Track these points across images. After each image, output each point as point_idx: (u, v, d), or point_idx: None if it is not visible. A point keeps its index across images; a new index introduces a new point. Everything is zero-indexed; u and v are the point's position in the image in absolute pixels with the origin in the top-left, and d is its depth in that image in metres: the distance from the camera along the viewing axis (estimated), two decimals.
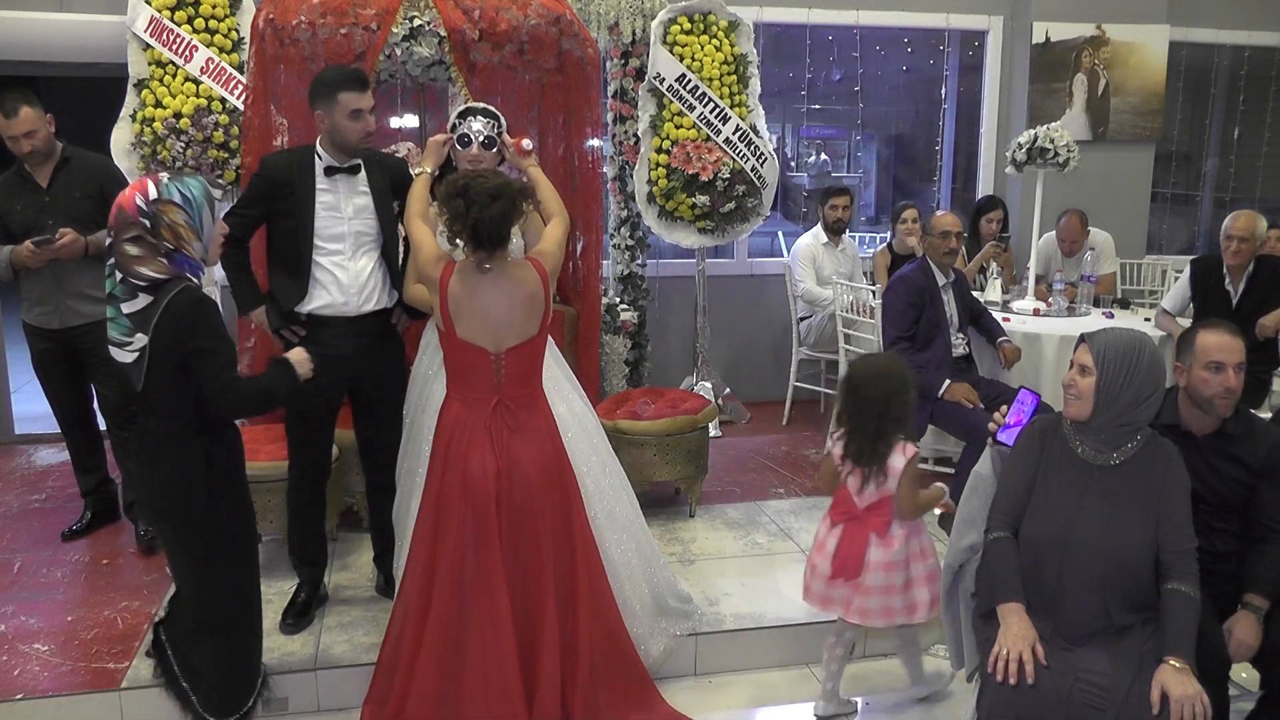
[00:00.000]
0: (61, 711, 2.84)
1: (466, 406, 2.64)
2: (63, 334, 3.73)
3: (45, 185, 3.65)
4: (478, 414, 2.61)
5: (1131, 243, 6.26)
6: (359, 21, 3.74)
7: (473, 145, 3.06)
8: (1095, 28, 6.11)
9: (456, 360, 2.64)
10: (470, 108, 3.14)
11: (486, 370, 2.60)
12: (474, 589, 2.61)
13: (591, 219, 4.24)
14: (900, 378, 2.78)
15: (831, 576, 2.83)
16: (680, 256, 5.83)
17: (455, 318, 2.57)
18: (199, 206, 2.42)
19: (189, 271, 2.41)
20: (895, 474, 2.78)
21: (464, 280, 2.56)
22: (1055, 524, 2.36)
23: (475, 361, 2.60)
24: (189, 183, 2.43)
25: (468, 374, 2.63)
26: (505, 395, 2.63)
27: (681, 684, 3.13)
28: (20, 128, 3.56)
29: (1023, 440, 2.51)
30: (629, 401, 4.23)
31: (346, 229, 3.06)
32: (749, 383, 5.95)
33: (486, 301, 2.56)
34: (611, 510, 3.03)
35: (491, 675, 2.58)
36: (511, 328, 2.59)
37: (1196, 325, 2.61)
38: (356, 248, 3.08)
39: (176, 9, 4.31)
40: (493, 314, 2.57)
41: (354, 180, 3.09)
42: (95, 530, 4.00)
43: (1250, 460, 2.52)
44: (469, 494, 2.60)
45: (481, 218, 2.47)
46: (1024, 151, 4.79)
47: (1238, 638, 2.45)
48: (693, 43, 4.94)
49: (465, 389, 2.65)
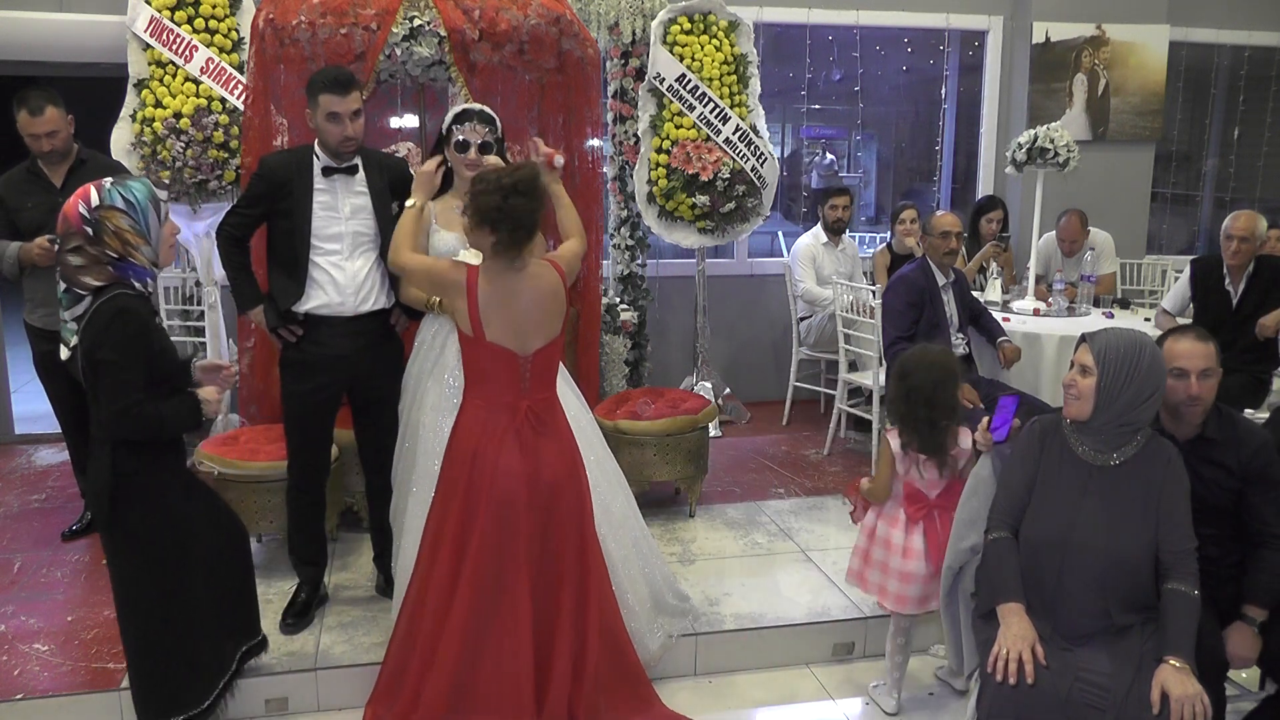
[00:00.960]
0: (61, 711, 2.84)
1: (492, 411, 2.60)
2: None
3: (59, 185, 3.66)
4: (505, 418, 2.59)
5: (1131, 243, 6.26)
6: (359, 21, 3.74)
7: (470, 150, 3.05)
8: (1095, 28, 6.11)
9: (483, 365, 2.60)
10: (466, 110, 3.12)
11: (514, 373, 2.57)
12: (498, 593, 2.59)
13: (591, 219, 4.23)
14: (948, 369, 2.81)
15: (933, 576, 2.81)
16: (680, 256, 5.83)
17: (485, 321, 2.53)
18: (144, 210, 2.38)
19: (135, 278, 2.38)
20: (965, 455, 2.81)
21: (493, 281, 2.53)
22: (1055, 524, 2.36)
23: (503, 365, 2.57)
24: (132, 186, 2.39)
25: (494, 378, 2.59)
26: (532, 399, 2.61)
27: (681, 684, 3.13)
28: (44, 126, 3.57)
29: (1022, 441, 2.51)
30: (629, 401, 4.23)
31: (344, 229, 3.06)
32: (749, 383, 5.95)
33: (519, 302, 2.54)
34: (608, 506, 3.03)
35: (506, 679, 2.58)
36: (540, 328, 2.58)
37: (1168, 332, 2.60)
38: (354, 248, 3.08)
39: (176, 9, 4.30)
40: (523, 314, 2.55)
41: (352, 181, 3.09)
42: (95, 530, 3.99)
43: (1233, 464, 2.48)
44: (499, 499, 2.57)
45: (514, 210, 2.46)
46: (1024, 151, 4.79)
47: (1232, 651, 2.45)
48: (693, 43, 4.94)
49: (491, 393, 2.61)
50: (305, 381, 3.09)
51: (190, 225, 4.45)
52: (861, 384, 4.83)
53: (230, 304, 3.31)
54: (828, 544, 3.89)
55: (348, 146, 3.04)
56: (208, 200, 4.31)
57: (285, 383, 3.16)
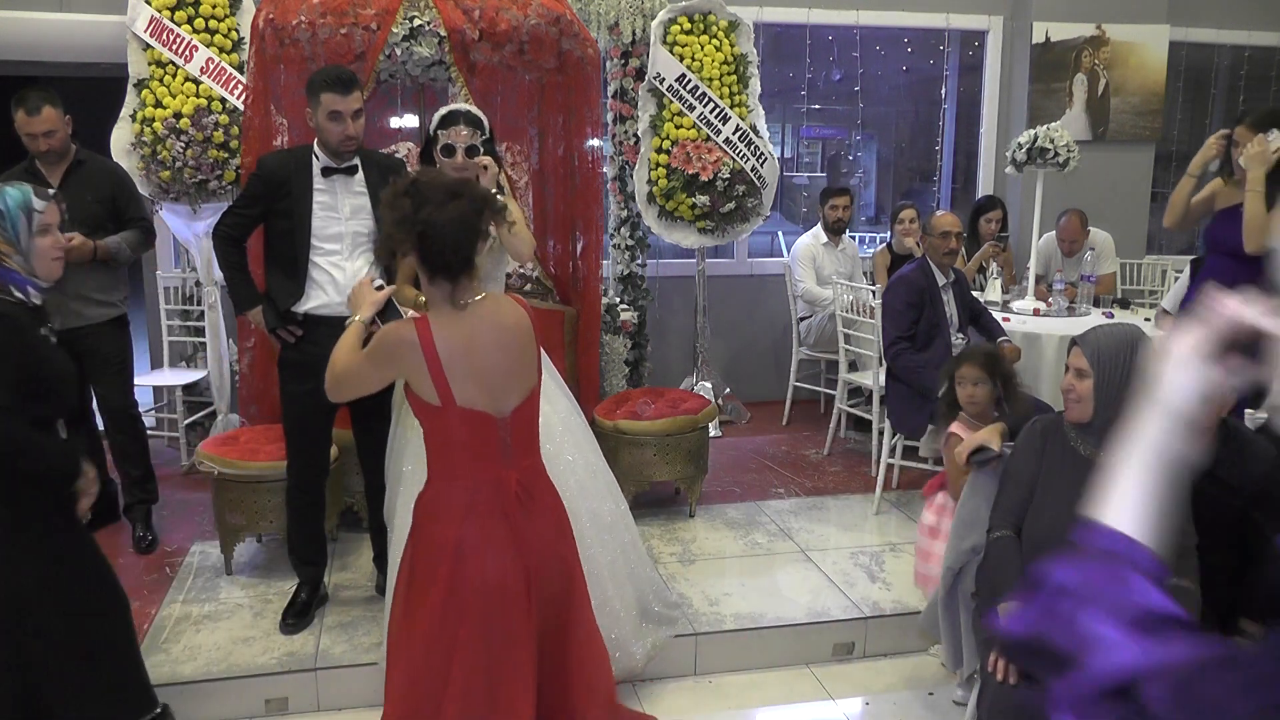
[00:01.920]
0: None
1: (472, 491, 2.14)
2: (63, 335, 3.71)
3: (57, 185, 3.65)
4: (489, 497, 2.14)
5: (1131, 243, 6.25)
6: (359, 21, 3.74)
7: (457, 155, 2.97)
8: (1095, 28, 6.11)
9: (456, 436, 2.12)
10: (452, 112, 3.03)
11: (493, 441, 2.11)
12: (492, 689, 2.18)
13: (591, 219, 4.24)
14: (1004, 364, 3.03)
15: None
16: (680, 256, 5.83)
17: (452, 380, 2.06)
18: (13, 218, 2.30)
19: (15, 284, 2.28)
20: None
21: (449, 330, 2.07)
22: (1059, 522, 2.36)
23: (479, 432, 2.11)
24: (7, 193, 2.32)
25: (470, 450, 2.13)
26: (519, 468, 2.17)
27: (681, 684, 3.13)
28: (41, 126, 3.57)
29: (1023, 440, 2.51)
30: (629, 401, 4.23)
31: (343, 229, 3.07)
32: (749, 383, 5.94)
33: (479, 347, 2.08)
34: (596, 512, 3.02)
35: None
36: (513, 378, 2.15)
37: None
38: (354, 248, 3.08)
39: (176, 9, 4.31)
40: (493, 365, 2.10)
41: (351, 181, 3.08)
42: (95, 531, 3.97)
43: (1238, 483, 2.37)
44: (495, 606, 2.14)
45: (434, 220, 1.99)
46: (1024, 151, 4.79)
47: None
48: (693, 43, 4.94)
49: (468, 470, 2.14)
50: (304, 382, 3.08)
51: (190, 225, 4.46)
52: (862, 384, 4.82)
53: (229, 304, 3.31)
54: (828, 544, 3.89)
55: (349, 146, 3.04)
56: (208, 200, 4.31)
57: (284, 383, 3.16)
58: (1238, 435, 2.48)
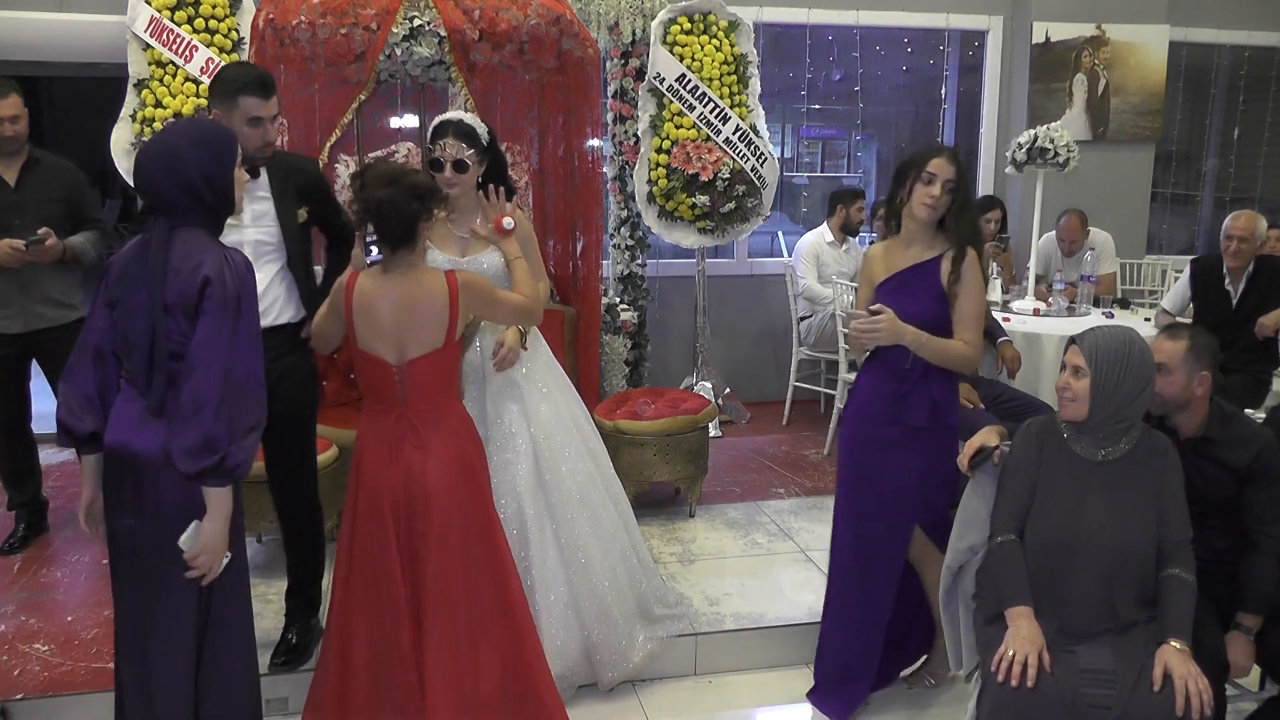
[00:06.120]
0: (61, 711, 2.85)
1: (372, 420, 2.58)
2: (24, 338, 3.67)
3: (13, 184, 3.61)
4: (383, 426, 2.54)
5: (1131, 243, 6.26)
6: (359, 21, 3.74)
7: (445, 169, 2.84)
8: (1095, 28, 6.11)
9: (360, 373, 2.60)
10: (443, 123, 2.89)
11: (389, 383, 2.52)
12: (377, 604, 2.55)
13: (591, 219, 4.24)
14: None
15: None
16: (680, 256, 5.83)
17: (357, 324, 2.51)
18: None
19: None
20: None
21: (369, 285, 2.51)
22: (1060, 523, 2.38)
23: (377, 373, 2.53)
24: None
25: (371, 386, 2.57)
26: (409, 409, 2.54)
27: (681, 684, 3.13)
28: (7, 110, 3.54)
29: (1019, 442, 2.52)
30: (629, 401, 4.23)
31: (241, 237, 2.75)
32: (749, 383, 5.94)
33: (382, 306, 2.47)
34: (597, 518, 3.02)
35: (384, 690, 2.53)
36: (412, 336, 2.49)
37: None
38: (256, 258, 2.69)
39: (176, 9, 4.31)
40: (384, 318, 2.47)
41: (252, 185, 2.78)
42: (27, 544, 3.86)
43: (1234, 464, 2.51)
44: (365, 508, 2.55)
45: (373, 199, 2.40)
46: (1024, 151, 4.79)
47: (1230, 659, 2.47)
48: (693, 43, 4.94)
49: (371, 402, 2.60)
50: None
51: None
52: None
53: None
54: (827, 544, 3.88)
55: (267, 153, 2.80)
56: None
57: None
58: (1234, 420, 2.58)
